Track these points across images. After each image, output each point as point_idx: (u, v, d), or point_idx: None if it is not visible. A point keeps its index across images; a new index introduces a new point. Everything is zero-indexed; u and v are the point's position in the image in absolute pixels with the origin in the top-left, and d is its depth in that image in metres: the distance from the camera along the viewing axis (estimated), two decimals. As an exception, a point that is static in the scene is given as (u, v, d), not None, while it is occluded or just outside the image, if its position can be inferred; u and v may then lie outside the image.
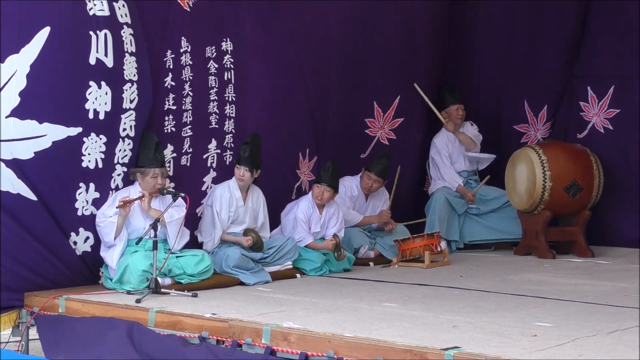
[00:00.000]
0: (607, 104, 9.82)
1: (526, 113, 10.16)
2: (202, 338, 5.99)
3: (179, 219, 7.16)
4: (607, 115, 9.82)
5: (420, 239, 8.61)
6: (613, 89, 9.78)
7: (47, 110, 6.74)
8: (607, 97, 9.81)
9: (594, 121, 9.89)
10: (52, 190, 6.86)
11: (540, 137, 10.11)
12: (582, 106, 9.96)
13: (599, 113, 9.84)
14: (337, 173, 8.35)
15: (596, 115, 9.87)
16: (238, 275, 7.49)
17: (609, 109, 9.81)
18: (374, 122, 9.65)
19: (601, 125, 9.84)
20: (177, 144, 7.76)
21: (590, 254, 9.03)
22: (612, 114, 9.80)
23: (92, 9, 6.90)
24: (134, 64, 7.19)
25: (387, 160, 8.99)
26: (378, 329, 5.67)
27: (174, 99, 7.70)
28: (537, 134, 10.14)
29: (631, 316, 6.06)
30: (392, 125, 9.74)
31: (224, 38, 8.09)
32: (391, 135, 9.73)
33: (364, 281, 7.76)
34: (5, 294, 6.75)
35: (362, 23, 9.36)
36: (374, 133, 9.66)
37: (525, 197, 9.14)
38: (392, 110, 9.73)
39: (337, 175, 8.35)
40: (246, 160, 7.80)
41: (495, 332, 5.54)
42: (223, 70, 8.11)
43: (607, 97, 9.81)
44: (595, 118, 9.88)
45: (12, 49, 6.61)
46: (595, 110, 9.88)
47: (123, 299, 6.68)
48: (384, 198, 9.18)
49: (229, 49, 8.13)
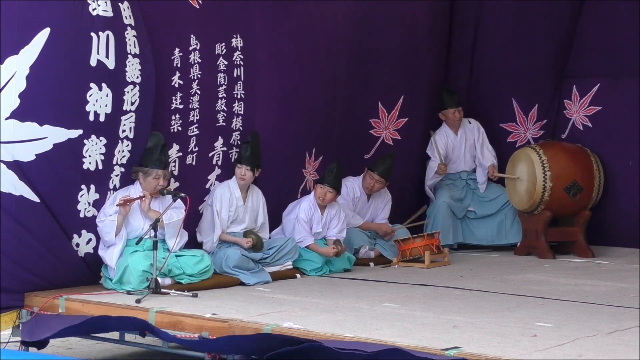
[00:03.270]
0: (589, 101, 9.81)
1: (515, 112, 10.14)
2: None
3: (177, 221, 7.16)
4: (587, 112, 9.81)
5: (420, 239, 8.61)
6: (597, 88, 9.77)
7: (48, 112, 6.74)
8: (589, 95, 9.81)
9: (574, 118, 9.88)
10: (54, 192, 6.86)
11: (531, 136, 10.07)
12: (565, 104, 9.96)
13: (579, 110, 9.84)
14: (340, 175, 8.35)
15: (576, 113, 9.86)
16: (238, 276, 7.50)
17: (590, 106, 9.81)
18: (378, 122, 9.64)
19: (580, 123, 9.84)
20: (183, 143, 7.75)
21: (590, 254, 9.04)
22: (592, 112, 9.79)
23: (96, 9, 6.88)
24: (137, 65, 7.18)
25: (391, 161, 8.97)
26: (378, 329, 5.67)
27: (181, 98, 7.69)
28: (527, 133, 10.11)
29: (631, 316, 6.06)
30: (396, 125, 9.73)
31: (234, 34, 8.06)
32: (395, 135, 9.72)
33: (364, 281, 7.76)
34: (5, 294, 6.75)
35: (367, 23, 9.35)
36: (378, 133, 9.65)
37: (526, 197, 9.14)
38: (396, 111, 9.72)
39: (340, 177, 8.35)
40: (248, 159, 7.81)
41: (495, 332, 5.55)
42: (233, 67, 8.09)
43: (589, 95, 9.81)
44: (575, 115, 9.87)
45: (11, 50, 6.60)
46: (576, 107, 9.88)
47: (123, 299, 6.68)
48: (386, 199, 9.16)
49: (239, 46, 8.10)
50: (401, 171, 9.43)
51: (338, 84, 9.11)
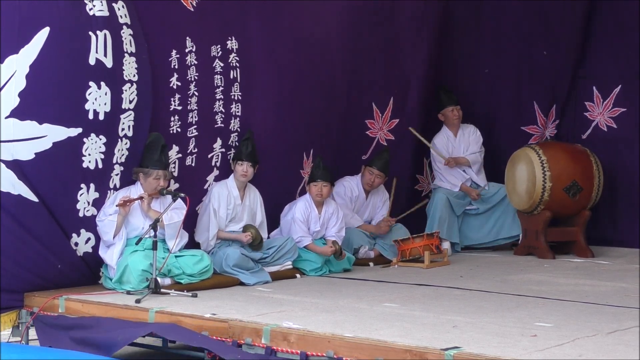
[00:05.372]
0: (612, 103, 9.83)
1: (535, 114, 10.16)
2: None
3: (177, 222, 7.16)
4: (612, 114, 9.83)
5: (420, 239, 8.61)
6: (619, 89, 9.79)
7: (47, 111, 6.74)
8: (612, 97, 9.83)
9: (598, 120, 9.90)
10: (53, 191, 6.86)
11: (549, 135, 10.12)
12: (587, 106, 9.98)
13: (603, 112, 9.86)
14: (327, 167, 8.34)
15: (600, 115, 9.88)
16: (238, 275, 7.49)
17: (614, 107, 9.83)
18: (373, 123, 9.63)
19: (604, 124, 9.86)
20: (183, 144, 7.76)
21: (590, 254, 9.03)
22: (616, 113, 9.82)
23: (92, 9, 6.91)
24: (133, 64, 7.19)
25: (387, 155, 9.01)
26: (378, 329, 5.67)
27: (179, 100, 7.70)
28: (546, 132, 10.16)
29: (631, 316, 6.06)
30: (389, 126, 9.72)
31: (229, 37, 8.07)
32: (389, 136, 9.71)
33: (364, 281, 7.76)
34: (5, 295, 6.75)
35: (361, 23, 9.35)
36: (374, 134, 9.64)
37: (525, 198, 9.13)
38: (388, 112, 9.71)
39: (328, 169, 8.33)
40: (249, 156, 7.84)
41: (495, 332, 5.54)
42: (229, 69, 8.10)
43: (612, 97, 9.83)
44: (599, 117, 9.89)
45: (11, 50, 6.61)
46: (599, 109, 9.90)
47: (123, 299, 6.68)
48: (384, 198, 9.16)
49: (234, 48, 8.11)
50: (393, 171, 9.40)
51: (334, 84, 9.11)
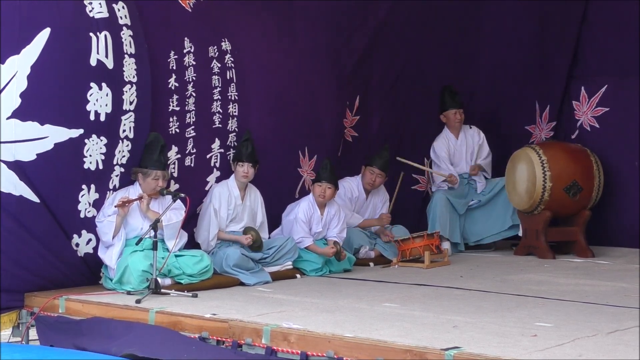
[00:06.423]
0: (596, 102, 9.83)
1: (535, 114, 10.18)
2: (202, 338, 6.00)
3: (176, 222, 7.16)
4: (595, 113, 9.83)
5: (420, 239, 8.62)
6: (605, 88, 9.79)
7: (49, 111, 6.74)
8: (597, 96, 9.83)
9: (582, 120, 9.91)
10: (54, 192, 6.87)
11: (544, 136, 10.13)
12: (574, 105, 9.99)
13: (587, 111, 9.86)
14: (334, 170, 8.37)
15: (584, 114, 9.89)
16: (238, 276, 7.50)
17: (597, 107, 9.83)
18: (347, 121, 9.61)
19: (588, 124, 9.87)
20: (182, 145, 7.77)
21: (590, 254, 9.04)
22: (599, 112, 9.81)
23: (92, 11, 6.91)
24: (133, 65, 7.20)
25: (387, 154, 9.01)
26: (378, 329, 5.67)
27: (177, 100, 7.72)
28: (541, 134, 10.17)
29: (631, 316, 6.06)
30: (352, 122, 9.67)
31: (222, 38, 8.11)
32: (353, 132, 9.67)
33: (364, 281, 7.77)
34: (5, 295, 6.76)
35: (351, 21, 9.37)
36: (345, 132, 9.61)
37: (525, 197, 9.14)
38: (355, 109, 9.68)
39: (334, 172, 8.36)
40: (249, 156, 7.85)
41: (495, 332, 5.55)
42: (225, 69, 8.12)
43: (597, 96, 9.83)
44: (583, 117, 9.90)
45: (12, 50, 6.61)
46: (584, 108, 9.91)
47: (123, 300, 6.68)
48: (384, 198, 9.17)
49: (228, 48, 8.15)
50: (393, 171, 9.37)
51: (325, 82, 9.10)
